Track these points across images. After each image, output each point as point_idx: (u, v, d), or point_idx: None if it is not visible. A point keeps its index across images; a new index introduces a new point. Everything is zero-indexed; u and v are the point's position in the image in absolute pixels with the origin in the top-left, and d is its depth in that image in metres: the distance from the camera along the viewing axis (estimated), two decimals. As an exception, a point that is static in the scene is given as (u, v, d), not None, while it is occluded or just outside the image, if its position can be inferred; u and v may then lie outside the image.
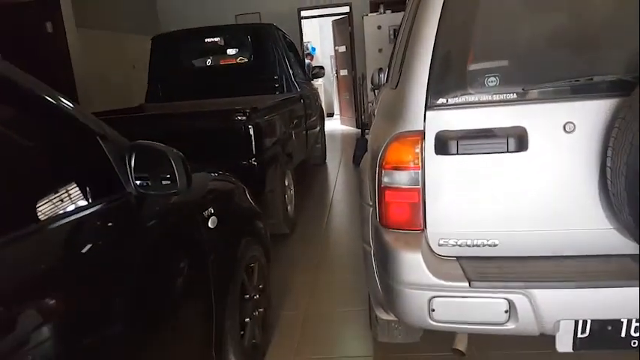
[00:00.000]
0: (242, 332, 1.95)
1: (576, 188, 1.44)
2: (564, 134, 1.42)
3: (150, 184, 1.34)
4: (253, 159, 2.83)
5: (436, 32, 1.46)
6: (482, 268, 1.49)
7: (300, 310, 2.61)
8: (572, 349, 1.52)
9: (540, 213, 1.48)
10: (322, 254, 3.37)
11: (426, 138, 1.49)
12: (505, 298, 1.43)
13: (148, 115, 3.56)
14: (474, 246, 1.54)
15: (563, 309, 1.41)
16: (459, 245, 1.54)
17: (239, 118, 2.78)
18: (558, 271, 1.44)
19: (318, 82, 9.43)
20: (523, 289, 1.40)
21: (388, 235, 1.58)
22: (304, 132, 4.63)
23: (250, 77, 4.46)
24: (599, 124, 1.38)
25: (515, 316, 1.43)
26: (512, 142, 1.43)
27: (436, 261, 1.54)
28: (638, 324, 1.46)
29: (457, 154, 1.46)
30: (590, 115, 1.38)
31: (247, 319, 2.01)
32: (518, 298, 1.41)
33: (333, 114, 10.92)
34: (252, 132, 2.79)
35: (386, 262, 1.57)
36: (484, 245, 1.53)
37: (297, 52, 5.28)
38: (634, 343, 1.49)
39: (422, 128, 1.50)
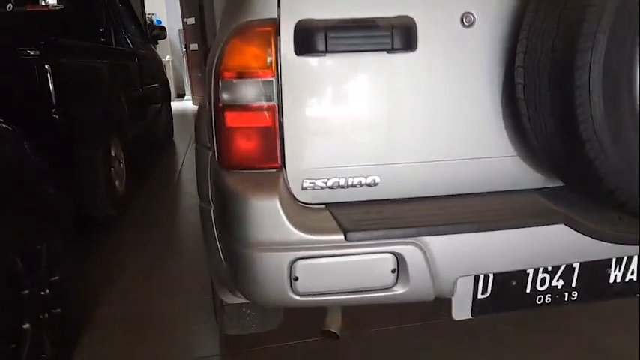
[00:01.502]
0: (15, 346, 1.28)
1: (476, 102, 1.10)
2: (462, 29, 1.06)
3: None
4: (54, 110, 2.08)
5: None
6: (360, 215, 1.07)
7: (126, 307, 1.97)
8: (471, 314, 1.20)
9: (432, 137, 1.11)
10: (163, 239, 2.72)
11: (281, 30, 1.02)
12: (392, 252, 1.03)
13: None
14: (348, 187, 1.11)
15: (465, 261, 1.06)
16: (330, 187, 1.11)
17: (30, 53, 2.02)
18: (456, 212, 1.09)
19: (165, 59, 8.49)
20: (415, 237, 1.02)
21: (231, 177, 1.08)
22: (141, 99, 3.87)
23: (68, 29, 3.52)
24: (505, 14, 1.05)
25: (405, 275, 1.05)
26: (398, 37, 1.02)
27: (299, 211, 1.08)
28: (545, 274, 1.19)
29: (326, 52, 1.01)
30: (494, 3, 1.05)
31: (27, 325, 1.34)
32: (409, 251, 1.03)
33: (184, 94, 9.98)
34: (50, 73, 2.05)
35: (228, 215, 1.07)
36: (362, 185, 1.12)
37: (130, 5, 4.44)
38: (539, 299, 1.22)
39: (275, 16, 1.02)
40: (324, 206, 1.11)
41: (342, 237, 1.01)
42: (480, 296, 1.18)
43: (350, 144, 1.09)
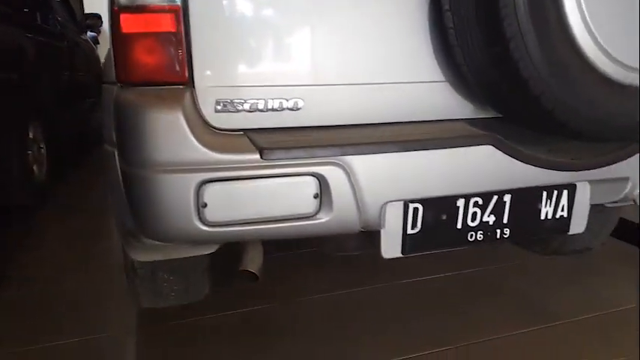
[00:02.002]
0: None
1: (403, 20, 1.04)
2: None
3: None
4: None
5: None
6: (279, 137, 0.97)
7: (37, 289, 1.76)
8: (402, 252, 1.12)
9: (356, 58, 1.04)
10: (87, 226, 2.50)
11: None
12: (313, 174, 0.94)
13: None
14: (268, 110, 1.01)
15: (391, 185, 0.98)
16: (248, 110, 1.00)
17: None
18: (381, 135, 1.01)
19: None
20: (338, 156, 0.93)
21: (129, 93, 0.95)
22: (70, 86, 3.62)
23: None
24: None
25: (328, 201, 0.95)
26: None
27: (209, 132, 0.97)
28: (476, 209, 1.13)
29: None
30: None
31: None
32: (332, 172, 0.94)
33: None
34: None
35: (126, 137, 0.94)
36: (283, 108, 1.02)
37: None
38: (471, 236, 1.15)
39: None
40: (241, 133, 1.00)
41: (257, 156, 0.90)
42: (409, 231, 1.10)
43: (269, 59, 1.00)
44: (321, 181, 0.94)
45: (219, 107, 0.98)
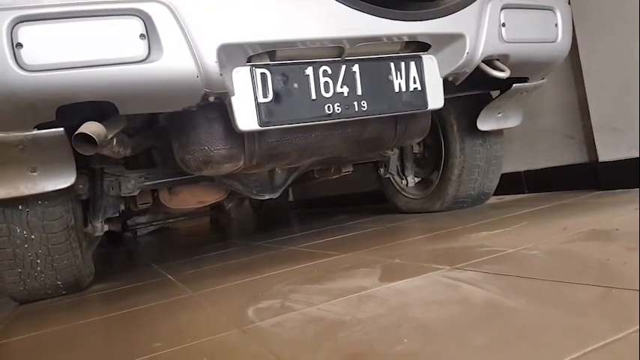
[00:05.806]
0: None
1: None
2: None
3: None
4: None
5: None
6: None
7: None
8: (259, 123, 1.08)
9: None
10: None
11: None
12: (137, 12, 0.93)
13: None
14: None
15: (220, 25, 0.98)
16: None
17: None
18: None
19: None
20: (159, -8, 0.95)
21: None
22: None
23: None
24: None
25: (157, 41, 0.94)
26: None
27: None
28: (327, 78, 1.14)
29: None
30: None
31: None
32: (156, 10, 0.94)
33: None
34: None
35: None
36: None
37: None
38: (329, 108, 1.15)
39: None
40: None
41: (67, -8, 0.90)
42: (262, 100, 1.08)
43: None
44: (146, 20, 0.93)
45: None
